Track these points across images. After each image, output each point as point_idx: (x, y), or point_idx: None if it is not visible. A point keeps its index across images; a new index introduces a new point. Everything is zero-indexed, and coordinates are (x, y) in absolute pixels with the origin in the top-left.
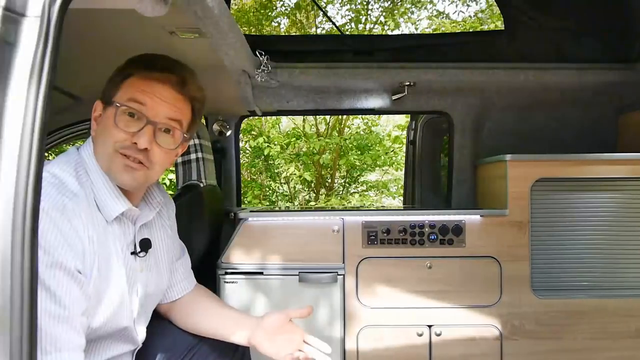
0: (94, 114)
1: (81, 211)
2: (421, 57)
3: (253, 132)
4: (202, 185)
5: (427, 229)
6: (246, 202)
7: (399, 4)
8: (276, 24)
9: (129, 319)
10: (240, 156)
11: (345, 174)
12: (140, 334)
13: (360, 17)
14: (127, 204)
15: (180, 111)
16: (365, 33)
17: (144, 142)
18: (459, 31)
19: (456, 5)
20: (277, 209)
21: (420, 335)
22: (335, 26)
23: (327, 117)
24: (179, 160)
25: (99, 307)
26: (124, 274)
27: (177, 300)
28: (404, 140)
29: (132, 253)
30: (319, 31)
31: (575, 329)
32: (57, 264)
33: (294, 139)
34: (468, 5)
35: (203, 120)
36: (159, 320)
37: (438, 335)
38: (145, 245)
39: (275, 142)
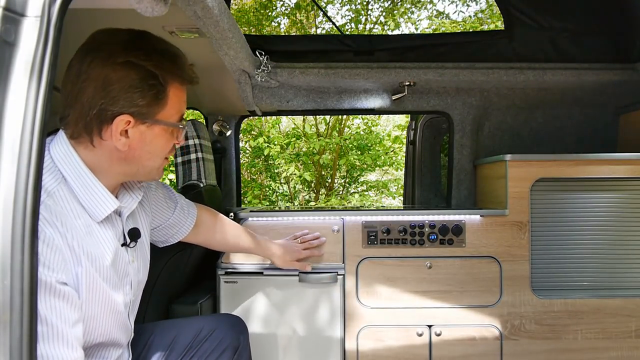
0: (121, 129)
1: (55, 219)
2: (421, 57)
3: (253, 132)
4: (202, 185)
5: (427, 229)
6: (246, 202)
7: (399, 4)
8: (276, 24)
9: (125, 312)
10: (240, 156)
11: (345, 174)
12: (132, 323)
13: (360, 17)
14: (115, 202)
15: None
16: (365, 33)
17: (182, 141)
18: (459, 31)
19: (456, 5)
20: (277, 209)
21: (420, 335)
22: (335, 26)
23: (327, 117)
24: (179, 160)
25: (96, 308)
26: (115, 271)
27: (195, 231)
28: (404, 140)
29: (122, 245)
30: (319, 31)
31: (575, 329)
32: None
33: (294, 139)
34: (468, 5)
35: (203, 120)
36: (159, 320)
37: (438, 335)
38: (134, 235)
39: (275, 142)
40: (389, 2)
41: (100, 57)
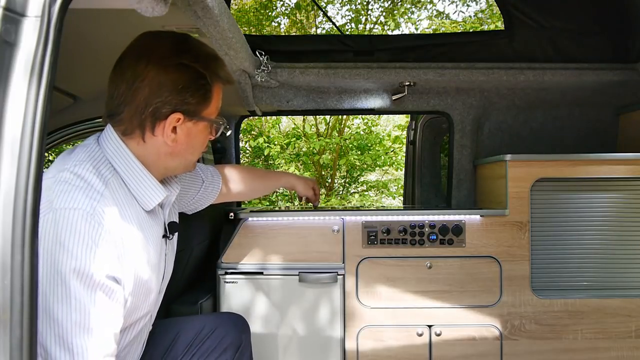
0: (172, 125)
1: (110, 212)
2: (421, 57)
3: (253, 132)
4: None
5: (427, 229)
6: (246, 202)
7: (399, 4)
8: (276, 24)
9: (155, 303)
10: (240, 156)
11: (345, 174)
12: (155, 315)
13: (360, 17)
14: (164, 191)
15: None
16: (365, 33)
17: (216, 135)
18: (459, 31)
19: (456, 5)
20: (277, 208)
21: (420, 335)
22: (335, 26)
23: (327, 117)
24: None
25: (142, 301)
26: (157, 263)
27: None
28: (404, 140)
29: (163, 236)
30: (319, 31)
31: (575, 329)
32: (86, 275)
33: (294, 139)
34: (468, 5)
35: None
36: (161, 318)
37: (438, 335)
38: (173, 228)
39: (275, 142)
40: (389, 2)
41: (153, 59)
